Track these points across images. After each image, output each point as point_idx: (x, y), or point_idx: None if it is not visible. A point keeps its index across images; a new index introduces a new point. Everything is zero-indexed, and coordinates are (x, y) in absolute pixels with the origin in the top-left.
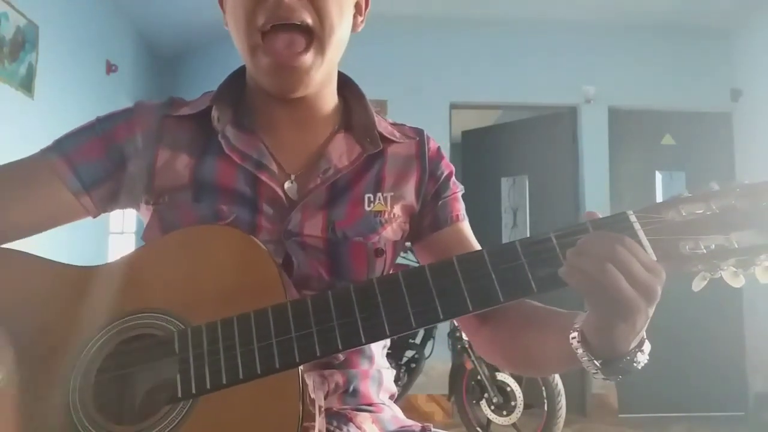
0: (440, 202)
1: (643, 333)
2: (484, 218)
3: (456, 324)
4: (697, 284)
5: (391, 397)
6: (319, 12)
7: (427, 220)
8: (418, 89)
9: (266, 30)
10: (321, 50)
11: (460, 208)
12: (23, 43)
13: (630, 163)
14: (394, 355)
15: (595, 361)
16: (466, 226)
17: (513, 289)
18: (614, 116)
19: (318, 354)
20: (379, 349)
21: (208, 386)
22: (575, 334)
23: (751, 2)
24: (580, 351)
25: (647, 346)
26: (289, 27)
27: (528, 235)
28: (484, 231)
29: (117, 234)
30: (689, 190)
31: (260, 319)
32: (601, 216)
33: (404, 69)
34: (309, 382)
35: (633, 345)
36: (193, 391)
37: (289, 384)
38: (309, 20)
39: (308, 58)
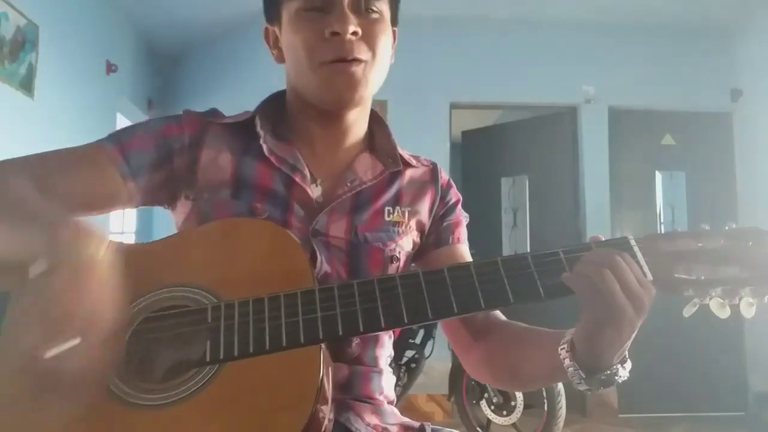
0: (445, 224)
1: (626, 351)
2: (484, 218)
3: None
4: (688, 310)
5: (390, 403)
6: (372, 47)
7: (431, 238)
8: (418, 89)
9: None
10: (370, 71)
11: (462, 232)
12: (23, 43)
13: (630, 163)
14: (394, 355)
15: (580, 371)
16: (464, 249)
17: (522, 293)
18: (614, 116)
19: (340, 333)
20: (383, 354)
21: (236, 353)
22: (565, 345)
23: (751, 2)
24: (567, 361)
25: (629, 364)
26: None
27: (528, 235)
28: (484, 231)
29: (117, 234)
30: (684, 228)
31: (289, 299)
32: (603, 239)
33: (404, 69)
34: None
35: (617, 360)
36: (221, 357)
37: (310, 361)
38: (364, 57)
39: (360, 69)
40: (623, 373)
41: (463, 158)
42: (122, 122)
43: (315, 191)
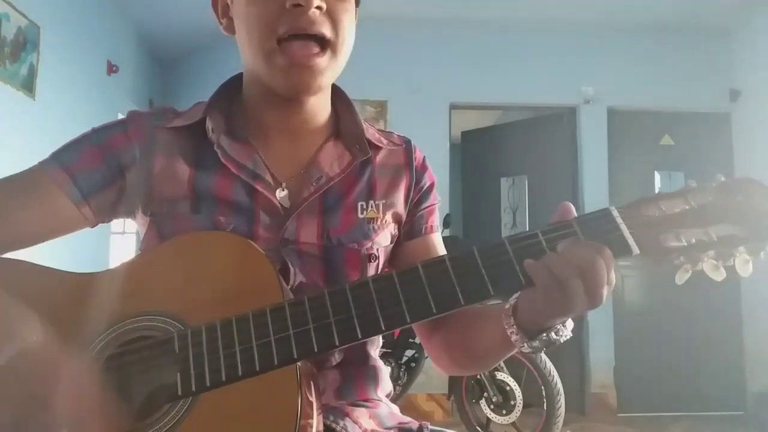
0: (418, 213)
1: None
2: (484, 218)
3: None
4: (680, 277)
5: (387, 396)
6: (336, 25)
7: (404, 228)
8: (418, 89)
9: (283, 38)
10: (334, 56)
11: (435, 219)
12: (24, 43)
13: (629, 163)
14: (394, 355)
15: (523, 335)
16: (436, 237)
17: (502, 283)
18: (613, 117)
19: (315, 350)
20: (373, 348)
21: (208, 384)
22: (508, 309)
23: (750, 2)
24: (510, 328)
25: (570, 323)
26: (304, 36)
27: None
28: (483, 231)
29: (119, 234)
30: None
31: (258, 319)
32: (573, 208)
33: (404, 69)
34: (305, 379)
35: (558, 322)
36: (193, 389)
37: (287, 379)
38: (327, 33)
39: (323, 60)
40: (565, 331)
41: (463, 158)
42: None
43: (280, 195)
